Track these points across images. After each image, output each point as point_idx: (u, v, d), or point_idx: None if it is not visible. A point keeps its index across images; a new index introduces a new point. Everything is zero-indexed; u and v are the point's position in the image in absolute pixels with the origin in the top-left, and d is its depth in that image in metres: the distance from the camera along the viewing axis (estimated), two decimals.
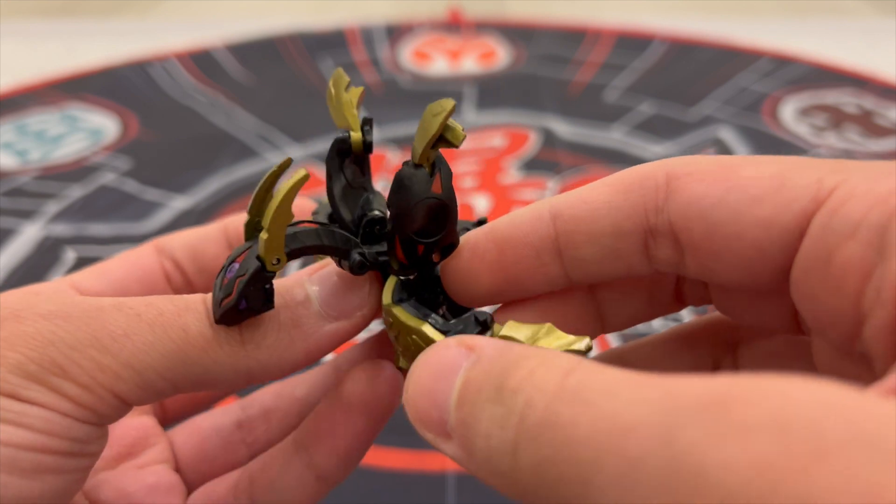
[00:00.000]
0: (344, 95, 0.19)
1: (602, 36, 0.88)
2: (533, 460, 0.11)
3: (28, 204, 0.56)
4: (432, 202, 0.17)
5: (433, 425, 0.14)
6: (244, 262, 0.16)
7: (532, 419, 0.12)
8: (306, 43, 0.87)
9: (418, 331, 0.17)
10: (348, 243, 0.18)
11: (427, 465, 0.34)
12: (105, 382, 0.15)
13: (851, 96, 0.72)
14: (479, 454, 0.13)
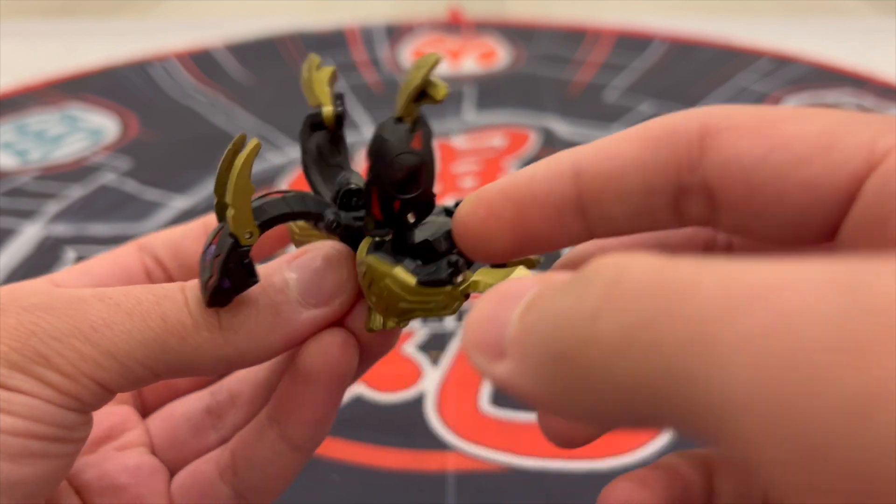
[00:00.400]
0: (315, 74, 0.20)
1: (602, 36, 0.88)
2: (621, 324, 0.10)
3: (28, 204, 0.56)
4: (410, 157, 0.17)
5: (487, 346, 0.13)
6: (219, 241, 0.17)
7: (626, 284, 0.10)
8: (306, 43, 0.87)
9: (390, 274, 0.17)
10: (321, 206, 0.18)
11: (427, 465, 0.34)
12: (87, 371, 0.16)
13: (851, 96, 0.72)
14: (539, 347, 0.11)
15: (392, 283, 0.17)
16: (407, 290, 0.17)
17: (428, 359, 0.40)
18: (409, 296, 0.17)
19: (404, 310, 0.18)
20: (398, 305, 0.17)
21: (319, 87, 0.19)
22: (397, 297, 0.17)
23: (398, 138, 0.17)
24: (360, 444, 0.36)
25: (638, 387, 0.10)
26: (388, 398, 0.38)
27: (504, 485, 0.33)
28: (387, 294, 0.17)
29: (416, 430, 0.36)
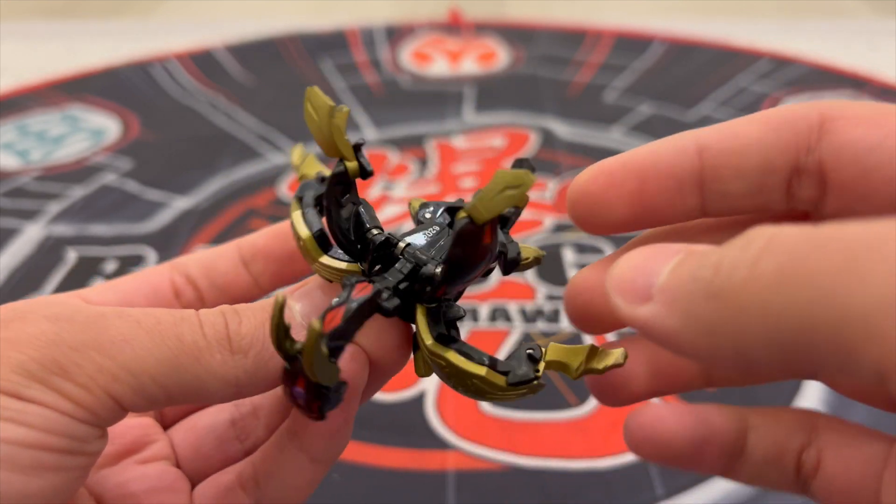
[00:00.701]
0: (332, 122, 0.18)
1: (602, 36, 0.88)
2: (780, 263, 0.12)
3: (29, 204, 0.56)
4: (482, 249, 0.17)
5: (634, 292, 0.14)
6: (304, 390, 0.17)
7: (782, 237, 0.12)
8: (306, 44, 0.87)
9: (479, 377, 0.18)
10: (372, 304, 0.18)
11: (427, 464, 0.35)
12: (102, 383, 0.16)
13: (851, 96, 0.72)
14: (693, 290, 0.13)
15: (482, 383, 0.18)
16: (497, 388, 0.18)
17: None
18: (499, 392, 0.18)
19: (493, 398, 0.18)
20: (486, 396, 0.18)
21: (340, 140, 0.19)
22: (488, 391, 0.18)
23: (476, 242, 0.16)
24: (361, 443, 0.36)
25: (792, 314, 0.11)
26: (389, 397, 0.38)
27: (504, 484, 0.33)
28: (474, 389, 0.18)
29: (417, 429, 0.36)
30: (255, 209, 0.55)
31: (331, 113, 0.18)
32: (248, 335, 0.18)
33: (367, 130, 0.67)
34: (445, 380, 0.19)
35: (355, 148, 0.19)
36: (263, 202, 0.56)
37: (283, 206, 0.56)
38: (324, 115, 0.18)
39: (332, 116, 0.18)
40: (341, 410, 0.20)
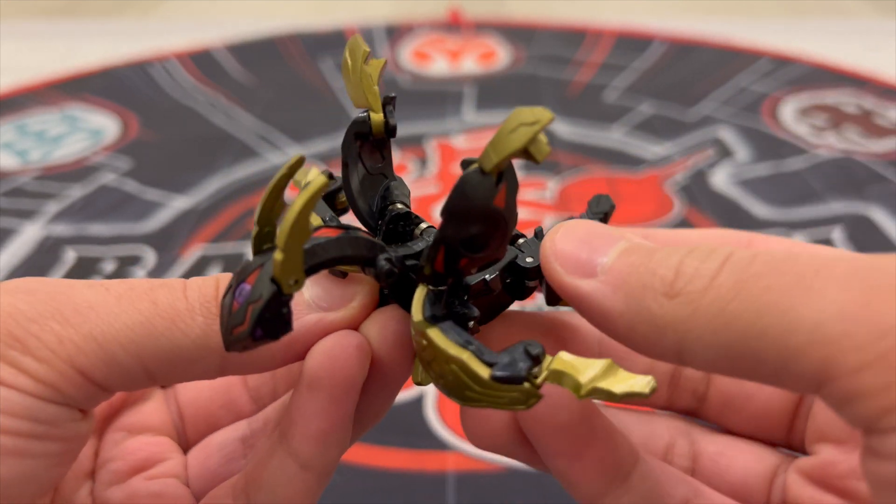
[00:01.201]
0: (364, 68, 0.17)
1: (602, 36, 0.88)
2: (739, 277, 0.13)
3: (28, 204, 0.56)
4: (492, 214, 0.14)
5: (577, 263, 0.15)
6: (257, 283, 0.14)
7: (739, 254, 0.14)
8: (306, 43, 0.87)
9: (458, 360, 0.15)
10: (373, 249, 0.16)
11: (427, 465, 0.34)
12: (64, 355, 0.15)
13: (851, 96, 0.72)
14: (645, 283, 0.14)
15: (460, 370, 0.15)
16: (477, 381, 0.15)
17: None
18: (478, 387, 0.15)
19: (471, 398, 0.15)
20: (464, 392, 0.15)
21: (368, 87, 0.17)
22: (464, 385, 0.15)
23: (483, 195, 0.14)
24: (360, 444, 0.36)
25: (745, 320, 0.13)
26: None
27: (504, 485, 0.33)
28: (452, 378, 0.15)
29: (417, 430, 0.36)
30: (255, 209, 0.55)
31: (365, 59, 0.17)
32: None
33: None
34: (427, 368, 0.16)
35: (385, 101, 0.17)
36: None
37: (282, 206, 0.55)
38: (357, 59, 0.17)
39: (366, 63, 0.17)
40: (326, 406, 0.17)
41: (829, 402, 0.12)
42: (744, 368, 0.13)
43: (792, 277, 0.13)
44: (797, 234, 0.51)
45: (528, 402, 0.15)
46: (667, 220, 0.53)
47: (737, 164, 0.61)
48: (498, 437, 0.18)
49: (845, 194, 0.56)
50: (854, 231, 0.51)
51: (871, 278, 0.12)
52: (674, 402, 0.20)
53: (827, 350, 0.12)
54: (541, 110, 0.14)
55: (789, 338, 0.12)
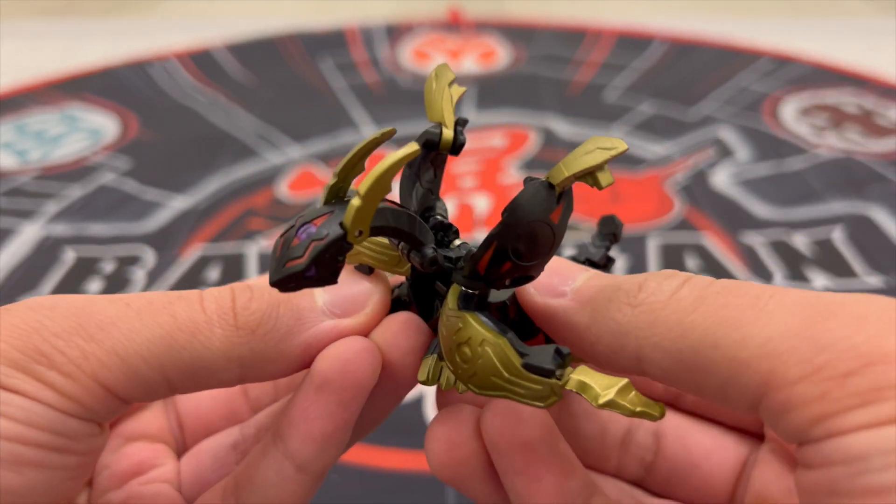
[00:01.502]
0: (447, 89, 0.18)
1: (602, 36, 0.88)
2: (699, 295, 0.14)
3: (28, 204, 0.56)
4: (547, 228, 0.15)
5: (550, 288, 0.17)
6: (323, 225, 0.15)
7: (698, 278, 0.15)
8: (306, 43, 0.87)
9: (496, 343, 0.15)
10: (425, 237, 0.17)
11: (426, 465, 0.34)
12: (89, 370, 0.15)
13: (851, 96, 0.72)
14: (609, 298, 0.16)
15: (494, 353, 0.15)
16: (507, 367, 0.15)
17: None
18: (506, 373, 0.15)
19: (494, 385, 0.15)
20: (488, 379, 0.15)
21: (447, 107, 0.18)
22: (492, 370, 0.15)
23: (543, 207, 0.15)
24: (361, 444, 0.35)
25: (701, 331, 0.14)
26: None
27: None
28: (481, 363, 0.15)
29: (417, 430, 0.36)
30: (254, 209, 0.55)
31: (450, 82, 0.19)
32: (257, 311, 0.17)
33: (367, 129, 0.67)
34: (452, 348, 0.16)
35: (458, 121, 0.18)
36: (262, 202, 0.56)
37: (281, 206, 0.55)
38: (444, 82, 0.18)
39: (451, 86, 0.19)
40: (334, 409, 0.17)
41: (766, 415, 0.13)
42: (695, 378, 0.14)
43: (748, 299, 0.14)
44: (797, 233, 0.51)
45: (548, 400, 0.15)
46: (667, 220, 0.53)
47: (737, 164, 0.61)
48: (461, 463, 0.18)
49: (846, 194, 0.56)
50: (854, 231, 0.51)
51: (815, 305, 0.13)
52: (622, 469, 0.20)
53: (772, 363, 0.13)
54: (618, 140, 0.15)
55: (739, 350, 0.13)
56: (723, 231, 0.52)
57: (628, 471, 0.20)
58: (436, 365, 0.18)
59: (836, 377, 0.12)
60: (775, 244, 0.50)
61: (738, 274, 0.47)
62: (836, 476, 0.12)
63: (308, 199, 0.56)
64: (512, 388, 0.15)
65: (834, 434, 0.12)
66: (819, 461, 0.12)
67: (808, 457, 0.13)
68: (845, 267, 0.48)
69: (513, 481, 0.17)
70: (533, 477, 0.17)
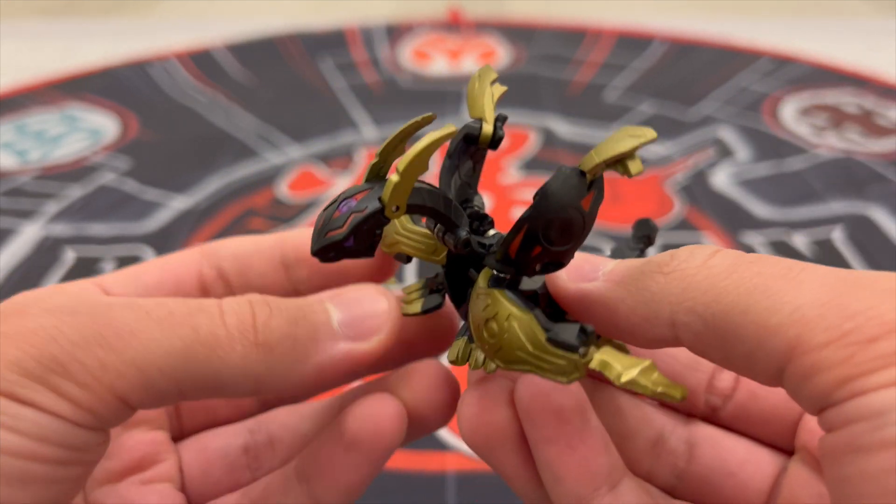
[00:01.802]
0: (489, 87, 0.19)
1: (602, 36, 0.88)
2: (731, 262, 0.15)
3: (28, 204, 0.56)
4: (577, 213, 0.16)
5: (580, 273, 0.17)
6: (363, 199, 0.16)
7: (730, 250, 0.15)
8: (306, 43, 0.87)
9: (522, 318, 0.16)
10: (459, 220, 0.18)
11: (427, 465, 0.34)
12: (106, 381, 0.15)
13: (852, 96, 0.72)
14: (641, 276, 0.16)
15: (519, 327, 0.16)
16: (532, 341, 0.16)
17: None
18: (531, 347, 0.16)
19: (518, 359, 0.16)
20: (514, 353, 0.16)
21: (489, 103, 0.19)
22: (517, 344, 0.16)
23: (574, 192, 0.16)
24: None
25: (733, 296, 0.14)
26: None
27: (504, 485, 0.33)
28: (507, 337, 0.16)
29: None
30: (254, 209, 0.55)
31: (492, 81, 0.19)
32: (277, 329, 0.17)
33: (367, 129, 0.67)
34: (480, 326, 0.17)
35: (498, 117, 0.19)
36: (262, 202, 0.56)
37: (282, 206, 0.55)
38: (486, 81, 0.19)
39: (492, 84, 0.19)
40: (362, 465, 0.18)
41: (791, 382, 0.14)
42: (724, 344, 0.15)
43: (780, 269, 0.14)
44: (797, 233, 0.51)
45: (571, 376, 0.16)
46: (667, 219, 0.53)
47: (737, 164, 0.61)
48: (492, 430, 0.18)
49: (846, 194, 0.56)
50: (854, 231, 0.51)
51: (845, 279, 0.14)
52: (654, 475, 0.20)
53: (800, 329, 0.13)
54: (648, 128, 0.15)
55: (770, 317, 0.14)
56: (723, 231, 0.52)
57: (660, 477, 0.20)
58: (465, 346, 0.18)
59: (861, 342, 0.12)
60: (775, 244, 0.50)
61: None
62: (856, 432, 0.12)
63: (308, 199, 0.56)
64: (536, 363, 0.16)
65: (856, 394, 0.12)
66: (840, 421, 0.13)
67: (830, 420, 0.13)
68: (845, 267, 0.48)
69: (544, 450, 0.17)
70: (565, 446, 0.17)
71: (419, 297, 0.20)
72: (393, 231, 0.20)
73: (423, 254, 0.19)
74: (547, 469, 0.17)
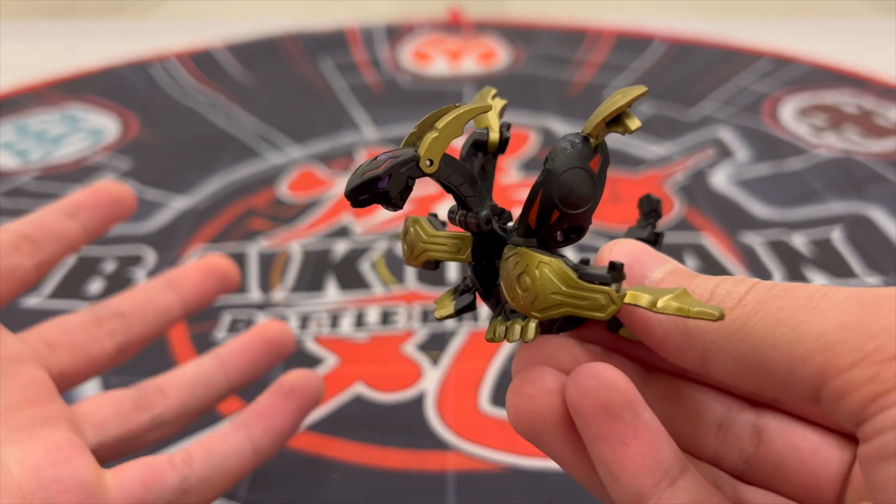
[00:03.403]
0: (490, 101, 0.20)
1: (602, 36, 0.88)
2: (759, 298, 0.16)
3: (28, 204, 0.56)
4: (587, 175, 0.17)
5: (630, 276, 0.18)
6: (401, 151, 0.17)
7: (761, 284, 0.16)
8: (306, 43, 0.87)
9: (552, 262, 0.17)
10: (483, 200, 0.19)
11: (427, 465, 0.34)
12: None
13: (851, 96, 0.72)
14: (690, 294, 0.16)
15: (551, 271, 0.17)
16: (565, 280, 0.16)
17: (428, 359, 0.40)
18: (564, 287, 0.16)
19: (555, 303, 0.17)
20: (549, 296, 0.17)
21: (492, 114, 0.20)
22: (552, 286, 0.17)
23: (581, 153, 0.17)
24: (361, 443, 0.36)
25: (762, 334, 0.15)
26: (389, 398, 0.38)
27: (504, 485, 0.33)
28: (540, 283, 0.17)
29: (416, 429, 0.36)
30: (255, 209, 0.55)
31: (492, 96, 0.21)
32: None
33: (367, 130, 0.67)
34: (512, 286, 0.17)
35: (503, 125, 0.20)
36: (263, 202, 0.56)
37: (282, 206, 0.55)
38: (487, 96, 0.20)
39: (493, 98, 0.21)
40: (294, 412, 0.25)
41: (827, 404, 0.14)
42: (756, 377, 0.15)
43: (802, 300, 0.15)
44: (797, 234, 0.51)
45: (608, 310, 0.16)
46: (667, 219, 0.53)
47: (737, 164, 0.61)
48: (538, 420, 0.18)
49: (845, 194, 0.56)
50: (854, 231, 0.52)
51: (864, 300, 0.14)
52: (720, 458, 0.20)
53: (826, 355, 0.14)
54: (638, 87, 0.16)
55: (796, 347, 0.14)
56: (722, 231, 0.52)
57: (727, 461, 0.20)
58: (501, 324, 0.19)
59: (884, 360, 0.13)
60: (774, 244, 0.50)
61: (738, 274, 0.47)
62: (884, 442, 0.13)
63: (309, 199, 0.56)
64: (572, 301, 0.17)
65: (886, 408, 0.13)
66: (872, 433, 0.14)
67: (865, 433, 0.14)
68: (844, 267, 0.48)
69: (599, 448, 0.17)
70: (619, 442, 0.17)
71: (451, 300, 0.20)
72: (419, 241, 0.20)
73: (450, 254, 0.20)
74: (602, 466, 0.17)
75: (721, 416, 0.20)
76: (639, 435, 0.17)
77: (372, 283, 0.46)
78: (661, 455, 0.17)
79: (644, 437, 0.17)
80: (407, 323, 0.43)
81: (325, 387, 0.25)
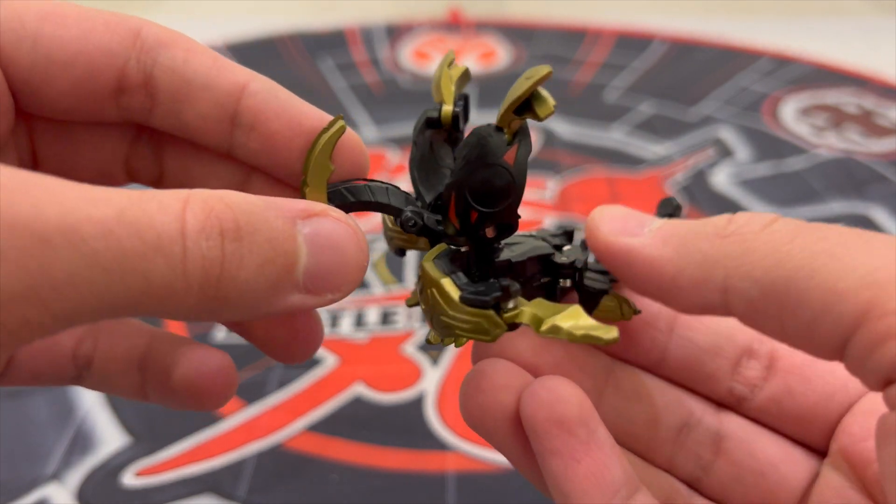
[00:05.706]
0: (446, 70, 0.19)
1: (602, 36, 0.88)
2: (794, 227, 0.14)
3: None
4: (499, 169, 0.16)
5: (624, 228, 0.17)
6: None
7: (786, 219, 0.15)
8: (306, 43, 0.87)
9: (437, 283, 0.16)
10: (405, 203, 0.17)
11: (427, 465, 0.34)
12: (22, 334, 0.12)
13: (851, 96, 0.72)
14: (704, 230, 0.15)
15: (437, 292, 0.16)
16: (448, 303, 0.16)
17: (428, 359, 0.40)
18: (449, 310, 0.16)
19: (445, 325, 0.16)
20: (440, 318, 0.16)
21: (446, 85, 0.18)
22: (439, 309, 0.16)
23: (492, 148, 0.15)
24: (360, 444, 0.36)
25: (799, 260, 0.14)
26: (388, 398, 0.38)
27: (504, 485, 0.33)
28: (432, 304, 0.16)
29: (416, 430, 0.36)
30: None
31: (449, 64, 0.19)
32: (243, 283, 0.14)
33: (367, 129, 0.67)
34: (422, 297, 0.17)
35: (458, 97, 0.18)
36: None
37: None
38: (444, 64, 0.19)
39: (449, 67, 0.19)
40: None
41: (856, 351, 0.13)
42: (782, 312, 0.14)
43: (848, 234, 0.14)
44: None
45: (493, 334, 0.15)
46: None
47: (737, 164, 0.61)
48: (493, 422, 0.18)
49: (845, 194, 0.56)
50: None
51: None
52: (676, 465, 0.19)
53: (874, 291, 0.12)
54: (542, 66, 0.15)
55: (839, 280, 0.13)
56: None
57: (683, 468, 0.19)
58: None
59: None
60: None
61: None
62: None
63: None
64: (458, 325, 0.16)
65: None
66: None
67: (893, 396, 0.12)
68: None
69: (550, 463, 0.17)
70: (571, 458, 0.16)
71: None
72: (385, 230, 0.20)
73: (410, 243, 0.19)
74: (553, 481, 0.17)
75: (683, 418, 0.19)
76: (590, 452, 0.16)
77: (372, 283, 0.46)
78: (612, 475, 0.16)
79: (596, 455, 0.16)
80: (407, 323, 0.43)
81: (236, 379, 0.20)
